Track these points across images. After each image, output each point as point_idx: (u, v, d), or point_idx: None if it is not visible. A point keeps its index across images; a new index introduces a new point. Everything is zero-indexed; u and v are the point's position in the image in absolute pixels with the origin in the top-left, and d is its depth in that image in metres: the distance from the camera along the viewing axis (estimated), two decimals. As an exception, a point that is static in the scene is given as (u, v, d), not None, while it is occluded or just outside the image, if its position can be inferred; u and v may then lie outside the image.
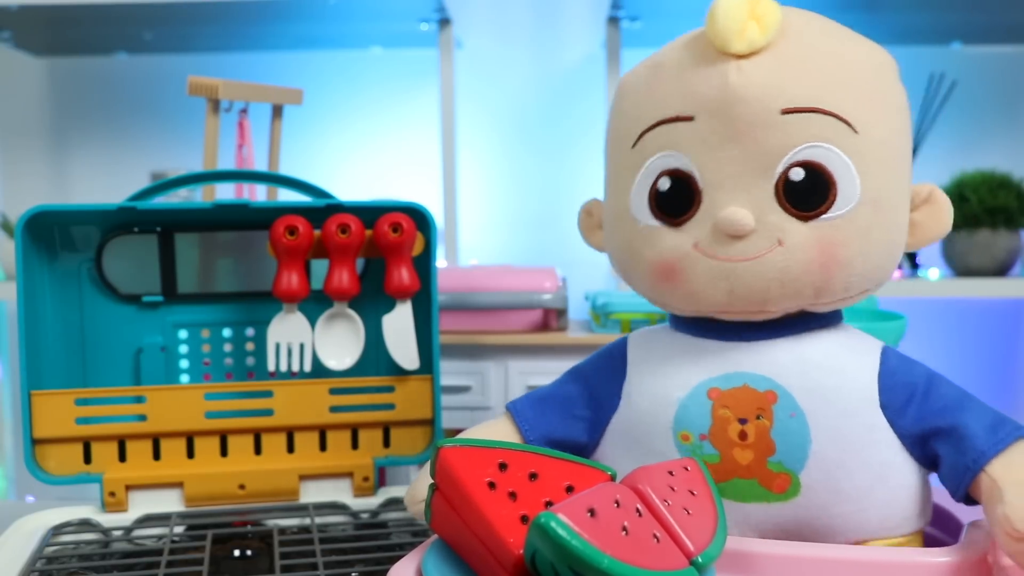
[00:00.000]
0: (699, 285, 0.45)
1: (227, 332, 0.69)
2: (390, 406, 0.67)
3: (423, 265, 0.66)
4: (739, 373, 0.46)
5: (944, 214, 0.47)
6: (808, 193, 0.43)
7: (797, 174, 0.43)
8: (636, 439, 0.48)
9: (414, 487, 0.49)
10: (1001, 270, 1.35)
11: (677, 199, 0.45)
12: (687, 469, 0.41)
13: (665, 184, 0.46)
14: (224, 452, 0.66)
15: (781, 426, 0.44)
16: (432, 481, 0.40)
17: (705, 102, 0.44)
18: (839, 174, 0.43)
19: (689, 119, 0.45)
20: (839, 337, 0.47)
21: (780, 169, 0.43)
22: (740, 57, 0.43)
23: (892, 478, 0.45)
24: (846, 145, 0.43)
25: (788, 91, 0.43)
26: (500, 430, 0.51)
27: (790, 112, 0.43)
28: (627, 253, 0.48)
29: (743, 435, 0.45)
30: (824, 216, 0.43)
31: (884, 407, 0.45)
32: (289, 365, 0.66)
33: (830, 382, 0.45)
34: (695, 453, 0.46)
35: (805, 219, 0.43)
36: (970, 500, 0.44)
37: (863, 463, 0.44)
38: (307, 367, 0.66)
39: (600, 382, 0.51)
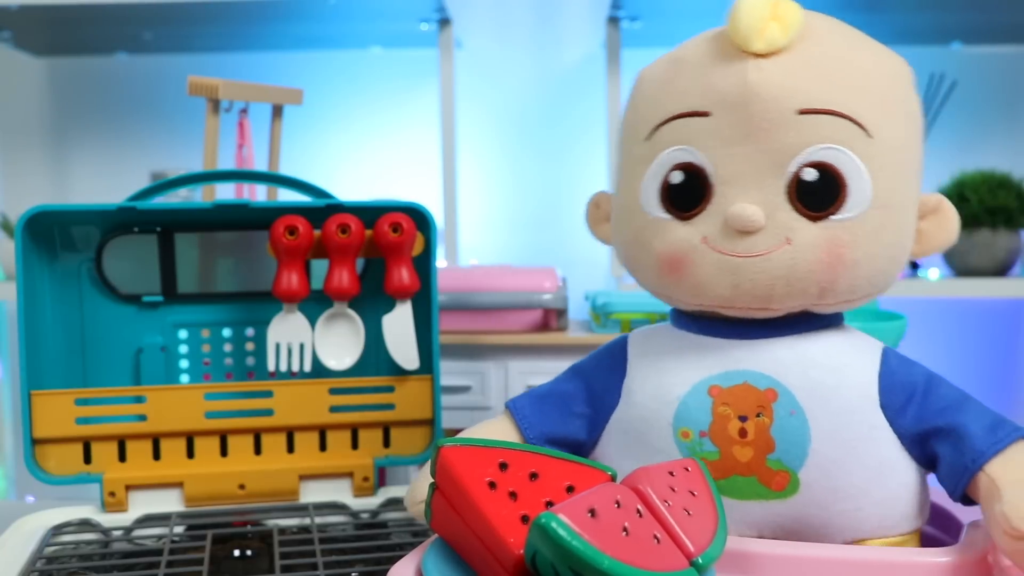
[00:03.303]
0: (705, 278, 0.45)
1: (227, 332, 0.69)
2: (390, 406, 0.67)
3: (423, 265, 0.66)
4: (740, 371, 0.46)
5: (951, 224, 0.47)
6: (819, 193, 0.43)
7: (809, 174, 0.43)
8: (636, 436, 0.48)
9: (414, 487, 0.49)
10: (1001, 270, 1.35)
11: (688, 193, 0.46)
12: (687, 470, 0.41)
13: (677, 177, 0.46)
14: (224, 452, 0.66)
15: (781, 424, 0.44)
16: (432, 480, 0.40)
17: (722, 98, 0.44)
18: (851, 176, 0.43)
19: (705, 115, 0.45)
20: (840, 337, 0.47)
21: (793, 168, 0.44)
22: (760, 56, 0.44)
23: (891, 477, 0.45)
24: (859, 148, 0.43)
25: (805, 92, 0.43)
26: (500, 429, 0.51)
27: (806, 113, 0.43)
28: (635, 245, 0.48)
29: (743, 432, 0.45)
30: (833, 217, 0.44)
31: (884, 407, 0.45)
32: (289, 365, 0.66)
33: (830, 381, 0.45)
34: (695, 450, 0.46)
35: (814, 219, 0.44)
36: (968, 500, 0.44)
37: (862, 462, 0.44)
38: (307, 367, 0.66)
39: (600, 379, 0.51)
